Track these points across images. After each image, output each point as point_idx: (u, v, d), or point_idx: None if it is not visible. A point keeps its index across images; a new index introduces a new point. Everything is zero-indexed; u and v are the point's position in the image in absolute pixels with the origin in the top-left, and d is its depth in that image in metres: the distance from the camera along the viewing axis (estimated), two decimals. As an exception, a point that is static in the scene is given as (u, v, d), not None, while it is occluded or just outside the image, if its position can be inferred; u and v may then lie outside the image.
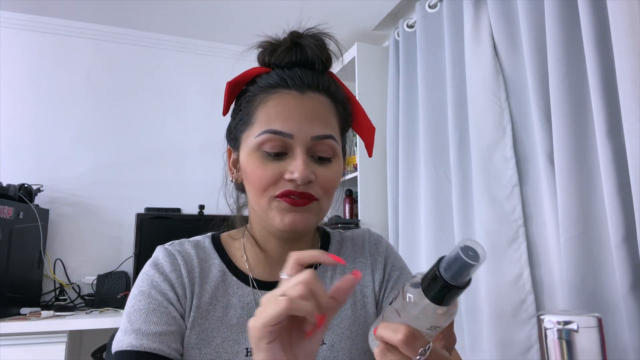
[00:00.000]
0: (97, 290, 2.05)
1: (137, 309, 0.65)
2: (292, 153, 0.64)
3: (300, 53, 0.68)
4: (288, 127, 0.64)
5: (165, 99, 2.47)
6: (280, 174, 0.64)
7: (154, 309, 0.65)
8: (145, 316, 0.64)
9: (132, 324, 0.64)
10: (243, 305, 0.70)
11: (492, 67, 1.58)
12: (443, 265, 0.45)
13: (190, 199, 2.32)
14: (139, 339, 0.62)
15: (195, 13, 2.28)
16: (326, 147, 0.66)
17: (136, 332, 0.63)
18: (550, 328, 0.50)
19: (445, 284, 0.44)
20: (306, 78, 0.67)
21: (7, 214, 1.75)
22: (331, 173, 0.66)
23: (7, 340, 1.58)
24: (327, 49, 0.70)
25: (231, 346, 0.67)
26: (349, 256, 0.78)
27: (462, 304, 1.61)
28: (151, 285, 0.67)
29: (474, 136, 1.61)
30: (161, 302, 0.66)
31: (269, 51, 0.70)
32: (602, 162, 1.16)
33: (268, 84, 0.67)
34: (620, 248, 1.11)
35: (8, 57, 2.24)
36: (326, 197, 0.67)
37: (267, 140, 0.64)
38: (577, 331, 0.49)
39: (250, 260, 0.73)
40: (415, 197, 1.94)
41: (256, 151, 0.65)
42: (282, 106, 0.65)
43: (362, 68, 2.37)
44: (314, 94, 0.67)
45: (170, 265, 0.69)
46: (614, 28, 1.12)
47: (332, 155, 0.67)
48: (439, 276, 0.44)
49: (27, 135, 2.22)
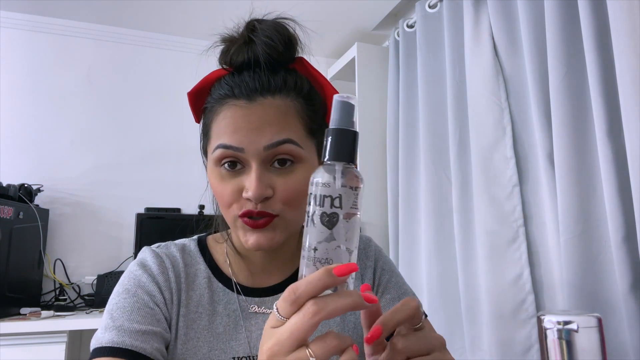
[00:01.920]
0: (97, 290, 2.05)
1: (121, 306, 0.62)
2: (248, 167, 0.61)
3: (251, 51, 0.63)
4: (237, 141, 0.60)
5: (165, 99, 2.47)
6: (239, 191, 0.61)
7: (139, 308, 0.62)
8: (129, 314, 0.61)
9: (115, 320, 0.61)
10: (229, 313, 0.68)
11: (492, 67, 1.58)
12: (332, 125, 0.45)
13: (190, 199, 2.32)
14: (121, 336, 0.59)
15: (196, 13, 2.28)
16: (284, 154, 0.60)
17: (118, 329, 0.60)
18: (550, 328, 0.50)
19: (342, 130, 0.44)
20: (254, 82, 0.61)
21: (7, 214, 1.75)
22: (291, 183, 0.61)
23: (7, 340, 1.58)
24: (282, 39, 0.63)
25: (218, 356, 0.65)
26: None
27: (462, 304, 1.61)
28: (137, 285, 0.65)
29: (474, 136, 1.61)
30: (147, 302, 0.63)
31: (224, 51, 0.66)
32: (602, 162, 1.16)
33: (218, 95, 0.63)
34: (620, 248, 1.11)
35: (8, 57, 2.24)
36: (290, 210, 0.62)
37: (221, 156, 0.61)
38: (577, 331, 0.49)
39: (234, 267, 0.71)
40: (415, 197, 1.94)
41: (215, 167, 0.63)
42: (230, 118, 0.61)
43: (362, 68, 2.37)
44: (265, 100, 0.61)
45: (158, 267, 0.67)
46: (614, 28, 1.12)
47: (294, 161, 0.61)
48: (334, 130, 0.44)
49: (27, 135, 2.23)
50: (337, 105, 0.45)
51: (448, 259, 1.72)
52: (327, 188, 0.43)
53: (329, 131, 0.45)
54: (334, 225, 0.43)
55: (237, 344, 0.66)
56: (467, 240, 1.62)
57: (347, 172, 0.44)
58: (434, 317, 1.69)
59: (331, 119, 0.45)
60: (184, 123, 2.45)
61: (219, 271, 0.71)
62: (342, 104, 0.45)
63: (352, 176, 0.44)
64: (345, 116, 0.45)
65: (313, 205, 0.44)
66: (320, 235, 0.43)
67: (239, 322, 0.67)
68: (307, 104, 0.64)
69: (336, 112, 0.45)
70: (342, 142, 0.44)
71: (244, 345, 0.66)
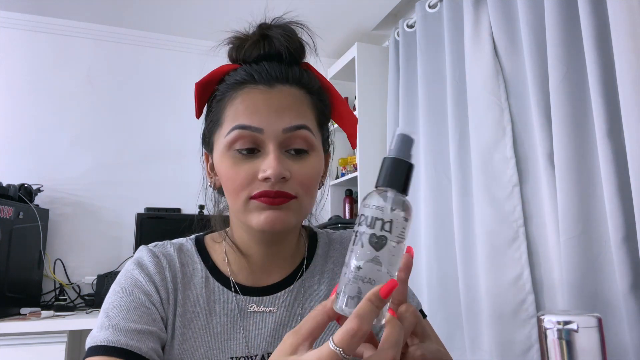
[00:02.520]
0: (97, 290, 2.05)
1: (117, 305, 0.62)
2: (264, 150, 0.61)
3: (268, 45, 0.65)
4: (257, 122, 0.61)
5: (165, 99, 2.48)
6: (254, 174, 0.61)
7: (136, 307, 0.62)
8: (125, 313, 0.61)
9: (111, 319, 0.60)
10: (227, 312, 0.67)
11: (492, 67, 1.58)
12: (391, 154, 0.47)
13: (190, 199, 2.31)
14: (116, 335, 0.58)
15: (195, 13, 2.28)
16: (300, 139, 0.62)
17: (114, 327, 0.59)
18: (550, 328, 0.50)
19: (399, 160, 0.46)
20: (274, 71, 0.63)
21: (7, 214, 1.75)
22: (308, 168, 0.62)
23: (7, 340, 1.58)
24: (296, 39, 0.66)
25: (216, 355, 0.64)
26: (338, 257, 0.75)
27: (462, 304, 1.61)
28: (134, 284, 0.65)
29: (474, 136, 1.61)
30: (143, 301, 0.63)
31: (236, 46, 0.67)
32: (602, 162, 1.16)
33: (235, 80, 0.64)
34: (620, 248, 1.11)
35: (8, 57, 2.24)
36: (306, 195, 0.63)
37: (236, 137, 0.61)
38: (577, 331, 0.49)
39: (233, 265, 0.71)
40: (415, 197, 1.94)
41: (228, 151, 0.63)
42: (250, 101, 0.62)
43: (362, 68, 2.37)
44: (283, 87, 0.63)
45: (155, 267, 0.67)
46: (614, 28, 1.12)
47: (309, 148, 0.63)
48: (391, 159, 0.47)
49: (27, 135, 2.23)
50: (397, 138, 0.48)
51: (448, 259, 1.72)
52: (379, 211, 0.45)
53: (386, 159, 0.47)
54: (382, 247, 0.44)
55: (235, 343, 0.66)
56: (467, 240, 1.62)
57: (399, 200, 0.46)
58: (434, 317, 1.69)
59: (390, 149, 0.48)
60: (184, 123, 2.45)
61: (216, 270, 0.70)
62: (403, 136, 0.47)
63: (404, 205, 0.46)
64: (404, 149, 0.47)
65: (364, 226, 0.45)
66: (367, 255, 0.44)
67: (237, 321, 0.67)
68: (317, 100, 0.67)
69: (396, 143, 0.47)
70: (398, 171, 0.46)
71: (241, 345, 0.66)
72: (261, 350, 0.66)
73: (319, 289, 0.72)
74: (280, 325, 0.68)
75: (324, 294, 0.71)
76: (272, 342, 0.66)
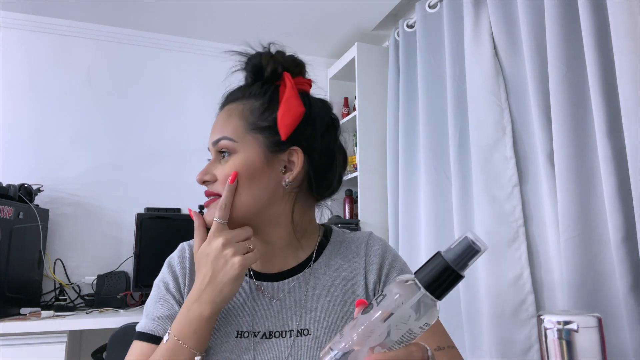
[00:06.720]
0: (97, 290, 2.05)
1: (150, 297, 0.78)
2: None
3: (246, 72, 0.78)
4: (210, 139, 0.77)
5: (165, 99, 2.47)
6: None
7: (160, 298, 0.76)
8: (153, 303, 0.76)
9: (146, 309, 0.76)
10: (240, 293, 0.76)
11: (492, 67, 1.58)
12: (446, 254, 0.45)
13: (190, 199, 2.31)
14: (146, 322, 0.74)
15: (195, 13, 2.28)
16: (222, 147, 0.74)
17: (146, 316, 0.75)
18: (550, 328, 0.50)
19: (448, 268, 0.44)
20: (230, 94, 0.78)
21: (7, 214, 1.75)
22: (225, 169, 0.73)
23: (7, 340, 1.58)
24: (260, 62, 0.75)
25: (224, 327, 0.73)
26: (346, 256, 0.80)
27: (462, 304, 1.61)
28: (161, 278, 0.79)
29: (474, 136, 1.61)
30: (164, 293, 0.77)
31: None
32: (602, 162, 1.16)
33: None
34: (620, 248, 1.11)
35: (8, 57, 2.24)
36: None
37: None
38: (577, 331, 0.49)
39: None
40: (415, 197, 1.94)
41: None
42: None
43: (362, 68, 2.37)
44: (225, 106, 0.77)
45: (178, 258, 0.80)
46: (614, 28, 1.12)
47: (229, 153, 0.74)
48: (442, 261, 0.44)
49: (27, 135, 2.22)
50: (464, 242, 0.45)
51: (448, 259, 1.72)
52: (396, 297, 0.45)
53: (440, 256, 0.45)
54: (368, 311, 0.46)
55: (243, 320, 0.74)
56: (467, 240, 1.61)
57: (425, 302, 0.45)
58: (434, 317, 1.69)
59: (451, 247, 0.45)
60: (184, 123, 2.45)
61: None
62: (469, 246, 0.45)
63: (426, 309, 0.45)
64: (464, 257, 0.45)
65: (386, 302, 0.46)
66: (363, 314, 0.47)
67: (248, 301, 0.76)
68: (253, 100, 0.75)
69: (458, 247, 0.45)
70: (443, 277, 0.45)
71: (247, 322, 0.74)
72: (264, 328, 0.73)
73: (324, 280, 0.78)
74: (284, 309, 0.75)
75: (328, 285, 0.77)
76: (275, 322, 0.74)
